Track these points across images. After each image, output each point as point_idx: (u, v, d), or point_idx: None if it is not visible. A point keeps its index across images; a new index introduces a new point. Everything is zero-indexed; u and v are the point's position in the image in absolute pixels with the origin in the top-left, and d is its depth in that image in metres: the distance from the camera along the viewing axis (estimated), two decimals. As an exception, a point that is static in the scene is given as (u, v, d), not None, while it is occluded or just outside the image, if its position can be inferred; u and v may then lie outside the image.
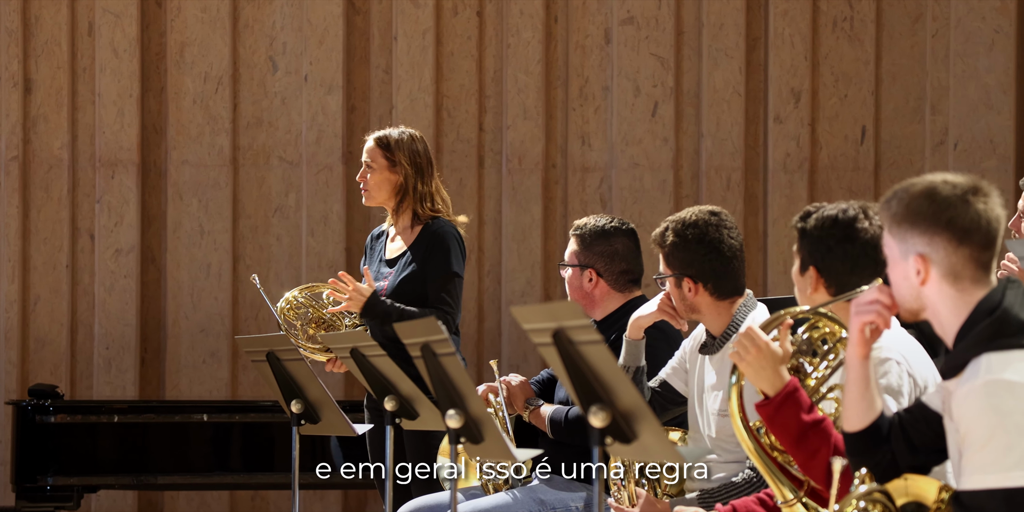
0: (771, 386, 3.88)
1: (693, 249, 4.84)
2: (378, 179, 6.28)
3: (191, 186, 8.85)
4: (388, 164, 6.29)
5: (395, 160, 6.28)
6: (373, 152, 6.31)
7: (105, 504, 8.72)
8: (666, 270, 4.90)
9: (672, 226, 4.87)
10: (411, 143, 6.32)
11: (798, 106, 8.94)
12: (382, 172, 6.29)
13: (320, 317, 6.40)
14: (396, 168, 6.28)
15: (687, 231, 4.84)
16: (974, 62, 8.95)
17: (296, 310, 6.41)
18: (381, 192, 6.29)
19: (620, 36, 8.93)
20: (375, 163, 6.29)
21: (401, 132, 6.36)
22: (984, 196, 3.46)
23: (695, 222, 4.85)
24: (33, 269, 8.79)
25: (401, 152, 6.30)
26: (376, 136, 6.34)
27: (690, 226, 4.85)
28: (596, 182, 8.94)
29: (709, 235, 4.84)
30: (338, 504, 8.84)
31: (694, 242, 4.84)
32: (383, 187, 6.28)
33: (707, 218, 4.85)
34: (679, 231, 4.85)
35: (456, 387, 4.25)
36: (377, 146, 6.30)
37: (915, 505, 3.42)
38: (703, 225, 4.84)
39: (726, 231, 4.86)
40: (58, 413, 7.47)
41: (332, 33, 8.89)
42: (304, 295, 6.47)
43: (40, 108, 8.82)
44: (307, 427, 5.47)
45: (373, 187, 6.29)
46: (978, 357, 3.37)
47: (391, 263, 6.27)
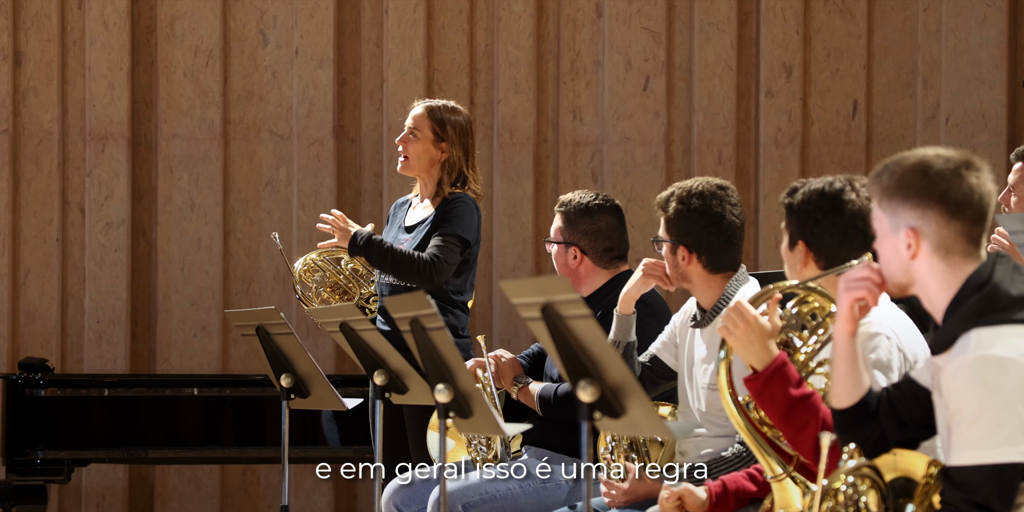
0: (759, 360, 3.88)
1: (694, 219, 4.85)
2: (419, 150, 6.19)
3: (181, 160, 8.83)
4: (435, 138, 6.18)
5: (444, 136, 6.19)
6: (422, 121, 6.20)
7: (96, 478, 8.72)
8: (664, 235, 4.91)
9: (678, 193, 4.88)
10: (465, 123, 6.22)
11: (790, 80, 8.92)
12: (425, 143, 6.19)
13: (336, 282, 6.38)
14: (442, 145, 6.18)
15: (691, 200, 4.85)
16: (966, 36, 8.93)
17: (313, 273, 6.38)
18: (420, 163, 6.19)
19: (611, 10, 8.90)
20: (421, 132, 6.19)
21: (454, 108, 6.24)
22: (976, 170, 3.46)
23: (700, 192, 4.85)
24: (23, 243, 8.78)
25: (454, 130, 6.20)
26: (428, 105, 6.23)
27: (695, 195, 4.85)
28: (587, 157, 8.93)
29: (712, 208, 4.84)
30: (330, 481, 8.84)
31: (696, 212, 4.84)
32: (422, 158, 6.19)
33: (713, 190, 4.86)
34: (683, 199, 4.86)
35: (445, 361, 4.25)
36: (429, 117, 6.20)
37: (904, 480, 3.43)
38: (708, 197, 4.85)
39: (730, 207, 4.86)
40: (48, 387, 7.46)
41: (323, 6, 8.86)
42: (323, 259, 6.44)
43: (30, 81, 8.79)
44: (297, 401, 5.47)
45: (413, 157, 6.19)
46: (967, 332, 3.37)
47: (409, 230, 6.24)
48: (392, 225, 6.35)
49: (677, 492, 4.56)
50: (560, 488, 5.44)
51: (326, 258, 6.43)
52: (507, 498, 5.40)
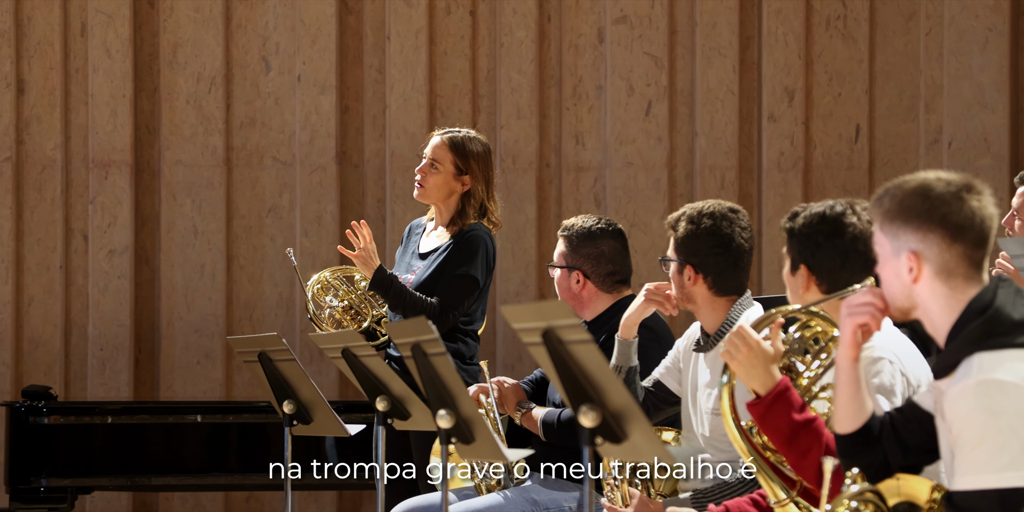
0: (762, 385, 3.87)
1: (702, 239, 4.85)
2: (438, 182, 6.10)
3: (184, 186, 8.84)
4: (456, 171, 6.11)
5: (466, 170, 6.11)
6: (442, 153, 6.12)
7: (99, 505, 8.70)
8: (673, 254, 4.91)
9: (689, 213, 4.88)
10: (485, 153, 6.14)
11: (792, 105, 8.93)
12: (445, 176, 6.10)
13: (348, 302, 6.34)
14: (464, 178, 6.10)
15: (702, 220, 4.85)
16: (968, 60, 8.94)
17: (325, 292, 6.34)
18: (438, 193, 6.10)
19: (613, 35, 8.92)
20: (442, 165, 6.10)
21: (475, 138, 6.14)
22: (978, 194, 3.45)
23: (712, 213, 4.86)
24: (27, 270, 8.78)
25: (476, 163, 6.12)
26: (450, 136, 6.13)
27: (706, 216, 4.86)
28: (590, 182, 8.93)
29: (722, 230, 4.84)
30: (332, 505, 8.83)
31: (705, 233, 4.84)
32: (441, 190, 6.10)
33: (724, 212, 4.86)
34: (694, 219, 4.86)
35: (447, 387, 4.24)
36: (450, 150, 6.11)
37: (907, 505, 3.41)
38: (719, 218, 4.85)
39: (739, 230, 4.86)
40: (52, 414, 7.45)
41: (325, 33, 8.88)
42: (336, 277, 6.41)
43: (33, 109, 8.81)
44: (299, 428, 5.46)
45: (432, 188, 6.10)
46: (970, 356, 3.35)
47: (423, 256, 6.20)
48: (406, 249, 6.32)
49: None
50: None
51: (339, 276, 6.39)
52: (510, 523, 5.39)
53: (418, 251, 6.24)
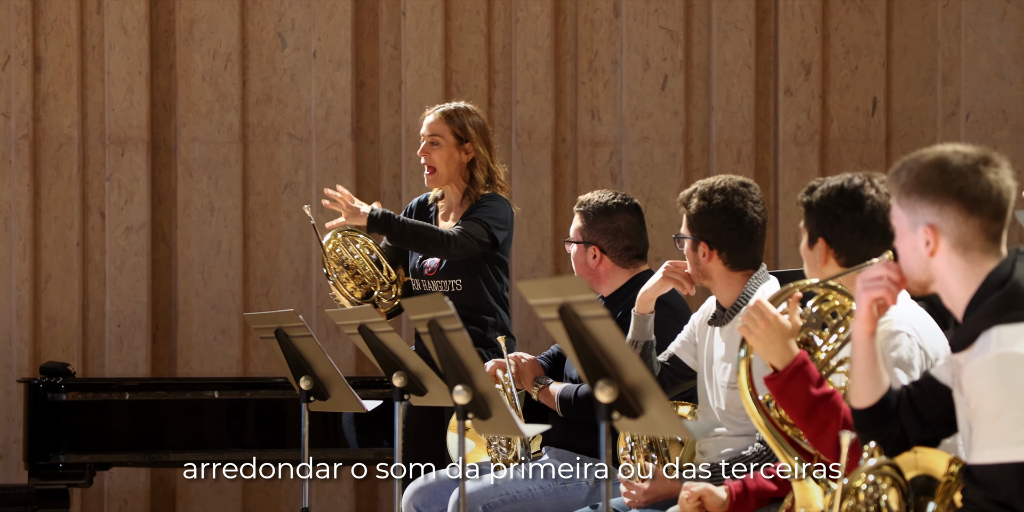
0: (780, 359, 3.87)
1: (715, 215, 4.84)
2: (444, 156, 6.04)
3: (201, 163, 8.84)
4: (457, 141, 6.07)
5: (467, 137, 6.07)
6: (440, 127, 6.08)
7: (118, 481, 8.73)
8: (686, 231, 4.90)
9: (700, 189, 4.88)
10: (481, 120, 6.11)
11: (808, 78, 8.90)
12: (449, 149, 6.06)
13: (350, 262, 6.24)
14: (466, 146, 6.07)
15: (713, 196, 4.85)
16: (985, 32, 8.90)
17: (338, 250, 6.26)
18: (448, 170, 6.05)
19: (629, 9, 8.89)
20: (443, 139, 6.06)
21: (467, 109, 6.11)
22: (995, 166, 3.44)
23: (723, 189, 4.86)
24: (44, 247, 8.79)
25: (474, 129, 6.09)
26: (443, 110, 6.09)
27: (717, 192, 4.85)
28: (606, 156, 8.91)
29: (734, 205, 4.84)
30: (350, 481, 8.85)
31: (718, 209, 4.84)
32: (450, 165, 6.05)
33: (736, 187, 4.86)
34: (705, 195, 4.86)
35: (463, 363, 4.24)
36: (446, 122, 6.07)
37: (925, 478, 3.42)
38: (730, 193, 4.85)
39: (752, 204, 4.86)
40: (70, 391, 7.47)
41: (340, 9, 8.86)
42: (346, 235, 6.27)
43: (50, 86, 8.81)
44: (316, 404, 5.47)
45: (440, 164, 6.04)
46: (988, 330, 3.35)
47: None
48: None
49: (697, 492, 4.55)
50: (580, 489, 5.43)
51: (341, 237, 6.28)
52: (527, 499, 5.39)
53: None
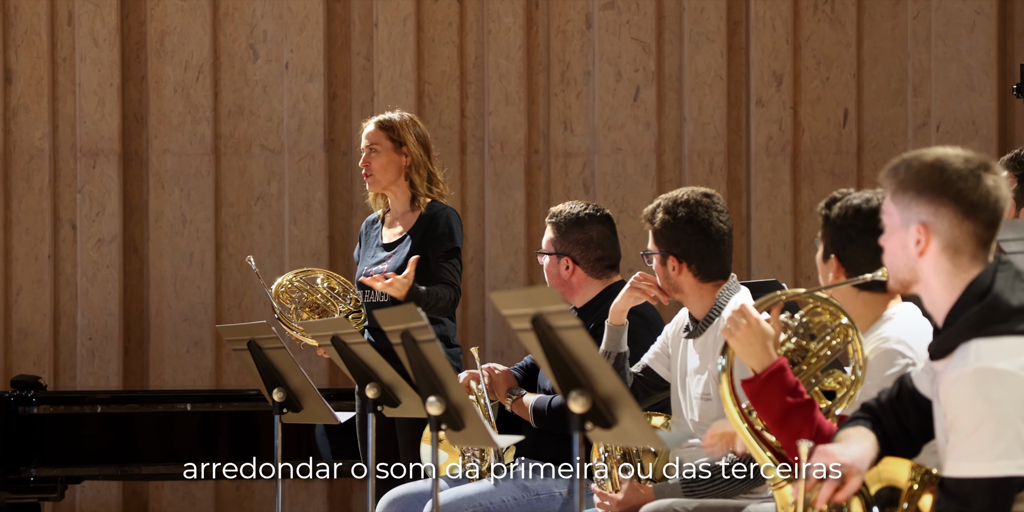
0: (759, 363, 3.87)
1: (681, 228, 4.85)
2: (383, 162, 6.25)
3: (173, 175, 8.82)
4: (393, 146, 6.27)
5: (401, 141, 6.27)
6: (376, 135, 6.28)
7: (90, 495, 8.70)
8: (653, 247, 4.91)
9: (663, 204, 4.89)
10: (414, 125, 6.33)
11: (780, 89, 8.92)
12: (387, 154, 6.26)
13: (314, 302, 6.39)
14: (402, 149, 6.26)
15: (677, 210, 4.86)
16: (955, 43, 8.93)
17: (290, 294, 6.38)
18: (387, 174, 6.25)
19: (601, 21, 8.90)
20: (380, 145, 6.26)
21: (401, 114, 6.35)
22: (994, 174, 3.45)
23: (686, 201, 4.86)
24: (15, 260, 8.76)
25: (407, 133, 6.28)
26: (377, 120, 6.32)
27: (681, 205, 4.86)
28: (579, 167, 8.92)
29: (699, 216, 4.85)
30: (323, 493, 8.83)
31: (683, 222, 4.85)
32: (389, 170, 6.26)
33: (699, 199, 4.87)
34: (670, 209, 4.86)
35: (436, 374, 4.24)
36: (380, 128, 6.28)
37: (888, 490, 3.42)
38: (694, 205, 4.85)
39: (716, 214, 4.86)
40: (41, 404, 7.44)
41: (312, 20, 8.86)
42: (299, 279, 6.45)
43: (20, 98, 8.78)
44: (289, 415, 5.46)
45: (379, 170, 6.26)
46: (967, 342, 3.35)
47: (388, 247, 6.25)
48: (368, 245, 6.36)
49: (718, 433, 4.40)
50: (554, 500, 5.43)
51: (302, 278, 6.45)
52: (501, 510, 5.39)
53: (381, 242, 6.28)
